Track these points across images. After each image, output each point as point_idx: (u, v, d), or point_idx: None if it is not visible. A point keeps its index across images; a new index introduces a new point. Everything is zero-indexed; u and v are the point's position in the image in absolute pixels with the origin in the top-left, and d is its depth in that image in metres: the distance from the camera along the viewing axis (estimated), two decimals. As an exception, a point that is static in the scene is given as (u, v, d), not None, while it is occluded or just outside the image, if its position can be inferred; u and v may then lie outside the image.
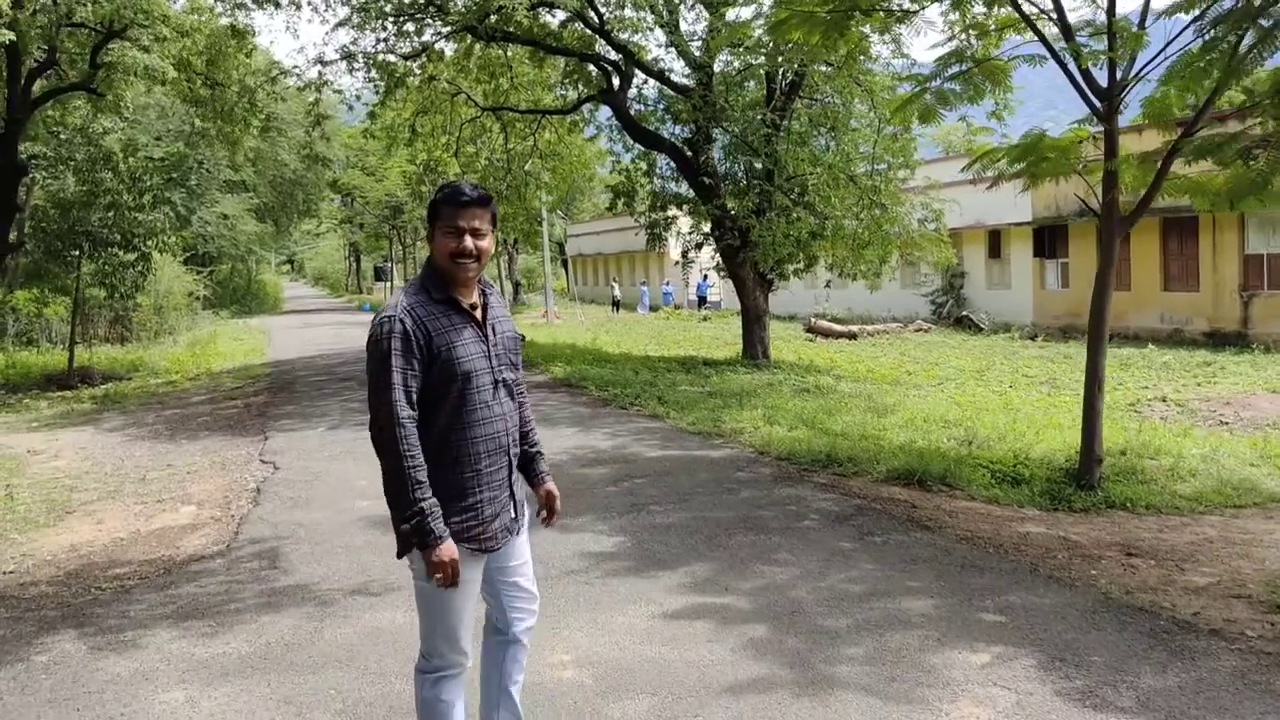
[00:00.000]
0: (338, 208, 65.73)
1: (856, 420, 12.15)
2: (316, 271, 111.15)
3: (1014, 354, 23.87)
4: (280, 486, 9.39)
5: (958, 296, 33.40)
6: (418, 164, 24.07)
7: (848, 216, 18.08)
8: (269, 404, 15.73)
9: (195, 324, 35.79)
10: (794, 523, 7.28)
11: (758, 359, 19.70)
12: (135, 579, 6.72)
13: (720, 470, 9.23)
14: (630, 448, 10.39)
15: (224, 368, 22.66)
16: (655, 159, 21.69)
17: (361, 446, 11.19)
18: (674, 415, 12.53)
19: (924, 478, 8.74)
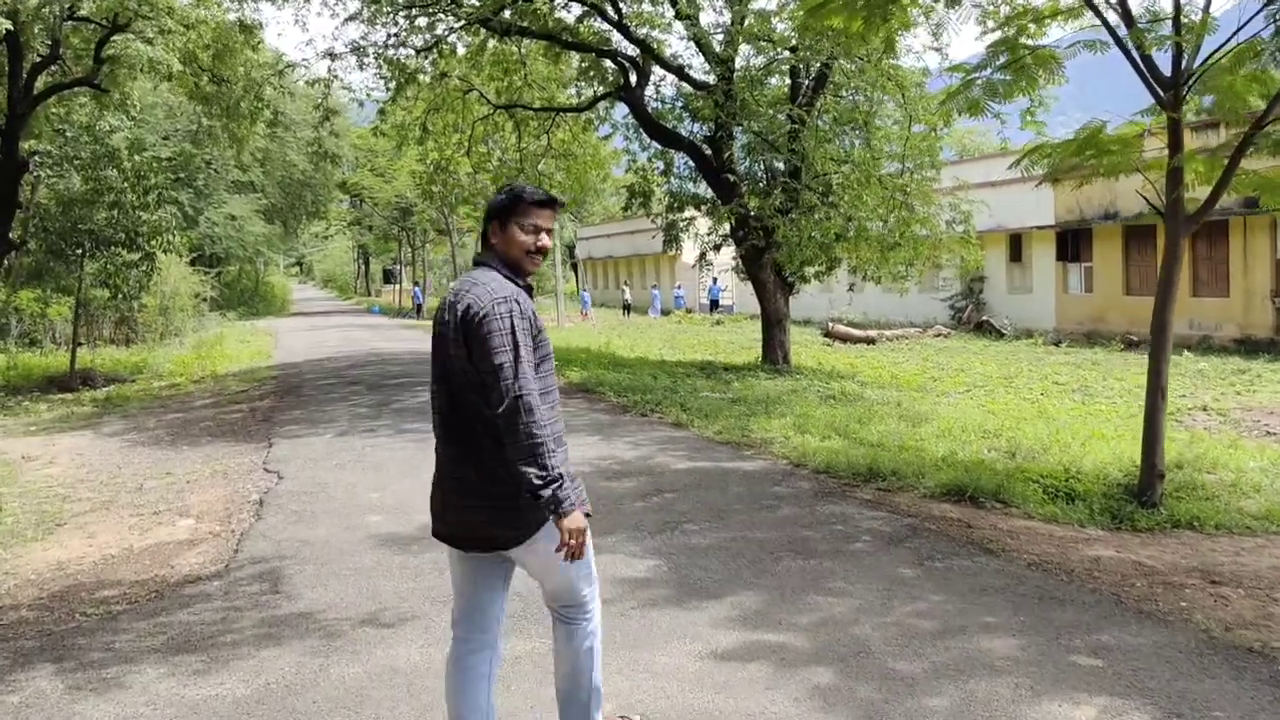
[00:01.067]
0: (346, 209, 65.23)
1: (891, 429, 11.54)
2: (325, 274, 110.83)
3: (1039, 360, 23.24)
4: (284, 498, 8.80)
5: (977, 301, 32.76)
6: (428, 163, 23.51)
7: (873, 218, 17.49)
8: (274, 408, 15.15)
9: (202, 325, 35.27)
10: (844, 545, 6.66)
11: (778, 364, 19.10)
12: (124, 603, 6.13)
13: (755, 484, 8.62)
14: (656, 458, 9.79)
15: (229, 370, 22.10)
16: (672, 158, 21.10)
17: (371, 455, 10.61)
18: (698, 423, 11.92)
19: (976, 494, 8.12)
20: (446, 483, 3.61)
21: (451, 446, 3.58)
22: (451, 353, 3.51)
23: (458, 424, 3.54)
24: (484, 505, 3.50)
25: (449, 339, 3.51)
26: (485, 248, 3.70)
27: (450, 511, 3.61)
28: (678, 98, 20.75)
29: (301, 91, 44.26)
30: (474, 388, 3.45)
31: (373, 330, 37.25)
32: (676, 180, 21.23)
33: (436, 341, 3.61)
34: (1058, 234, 29.69)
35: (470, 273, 3.64)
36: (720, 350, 26.22)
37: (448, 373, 3.55)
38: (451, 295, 3.58)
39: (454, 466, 3.57)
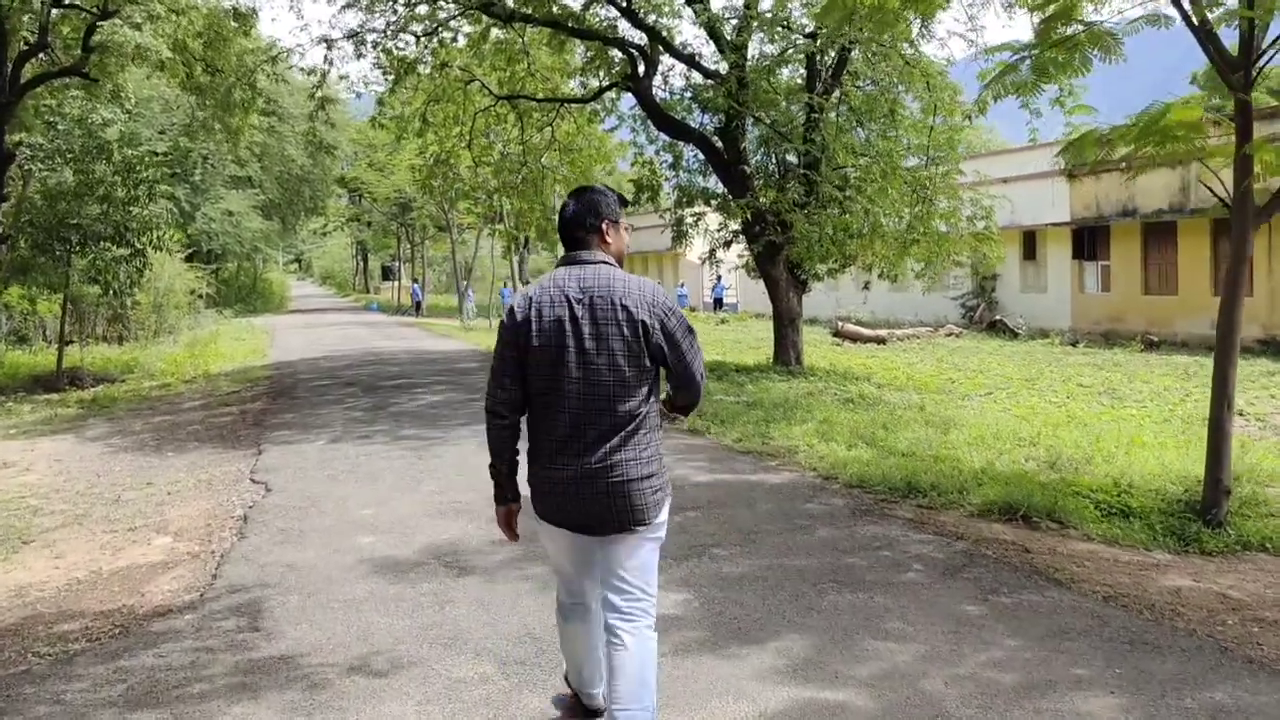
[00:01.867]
0: (345, 205, 64.50)
1: (919, 437, 10.82)
2: (324, 270, 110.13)
3: (1058, 361, 22.51)
4: (271, 514, 8.07)
5: (989, 300, 32.03)
6: (428, 156, 22.77)
7: (891, 213, 16.79)
8: (266, 411, 14.43)
9: (197, 323, 34.53)
10: (894, 574, 5.94)
11: (790, 365, 18.40)
12: (84, 640, 5.42)
13: (784, 500, 7.90)
14: (674, 470, 9.05)
15: (222, 370, 21.38)
16: (681, 151, 20.37)
17: (365, 464, 9.89)
18: (715, 430, 11.21)
19: (1029, 512, 7.40)
20: (595, 469, 3.67)
21: (610, 431, 3.68)
22: (628, 343, 3.63)
23: (616, 409, 3.66)
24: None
25: (619, 329, 3.62)
26: (590, 248, 3.80)
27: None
28: (687, 88, 20.04)
29: (298, 83, 43.63)
30: (640, 377, 3.69)
31: (371, 328, 36.53)
32: (685, 174, 20.50)
33: (598, 328, 3.65)
34: (1073, 231, 28.97)
35: (600, 269, 3.73)
36: (728, 350, 25.50)
37: (611, 362, 3.63)
38: (601, 289, 3.66)
39: (610, 451, 3.68)
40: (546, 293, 3.73)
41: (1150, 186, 26.42)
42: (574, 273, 3.74)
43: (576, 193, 3.96)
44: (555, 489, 3.71)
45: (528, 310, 3.72)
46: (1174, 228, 26.13)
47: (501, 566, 6.30)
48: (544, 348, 3.67)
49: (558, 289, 3.72)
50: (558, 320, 3.66)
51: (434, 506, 8.00)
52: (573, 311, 3.65)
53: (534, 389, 3.73)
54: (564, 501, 3.70)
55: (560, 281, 3.74)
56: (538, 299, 3.73)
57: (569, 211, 3.86)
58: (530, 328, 3.70)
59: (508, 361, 3.77)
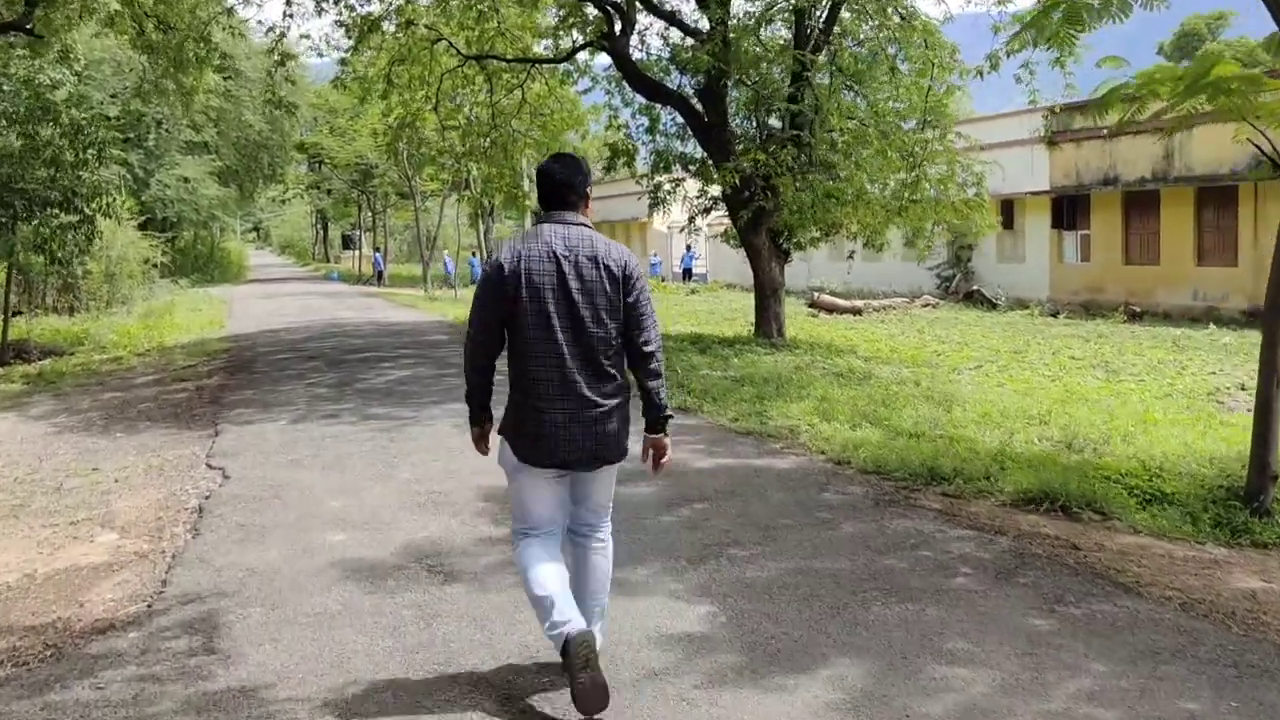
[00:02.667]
0: (305, 173, 63.02)
1: (923, 415, 10.16)
2: (283, 239, 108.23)
3: (1040, 333, 21.99)
4: (228, 506, 7.28)
5: (966, 270, 31.49)
6: (392, 119, 21.77)
7: (880, 177, 16.10)
8: (223, 387, 13.57)
9: (152, 293, 33.33)
10: (941, 579, 5.26)
11: (773, 337, 17.73)
12: (9, 665, 4.64)
13: (798, 489, 7.20)
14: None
15: (178, 342, 20.41)
16: (659, 114, 19.59)
17: (332, 447, 9.10)
18: (709, 408, 10.49)
19: (1067, 502, 6.75)
20: (585, 414, 4.03)
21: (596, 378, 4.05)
22: (611, 298, 4.00)
23: (600, 358, 4.03)
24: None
25: (603, 287, 3.99)
26: (575, 209, 4.12)
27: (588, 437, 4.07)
28: (665, 48, 19.24)
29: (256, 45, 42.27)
30: (618, 329, 4.06)
31: (333, 298, 35.48)
32: (663, 138, 19.73)
33: (584, 284, 3.98)
34: (1053, 200, 28.42)
35: (581, 229, 4.07)
36: (703, 321, 24.81)
37: (595, 316, 3.99)
38: (585, 248, 4.01)
39: (597, 397, 4.05)
40: (534, 248, 4.00)
41: (1132, 154, 25.91)
42: (559, 231, 4.04)
43: (565, 158, 4.27)
44: (547, 432, 4.00)
45: (516, 264, 3.97)
46: (1156, 196, 25.64)
47: (492, 571, 5.57)
48: (533, 300, 3.95)
49: (545, 246, 4.00)
50: (547, 275, 3.96)
51: (410, 497, 7.22)
52: (560, 268, 3.97)
53: (521, 339, 4.00)
54: (556, 443, 4.02)
55: (546, 238, 4.02)
56: (525, 253, 3.99)
57: (560, 174, 4.13)
58: (519, 280, 3.96)
59: (492, 311, 4.05)
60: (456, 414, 10.47)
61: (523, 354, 4.03)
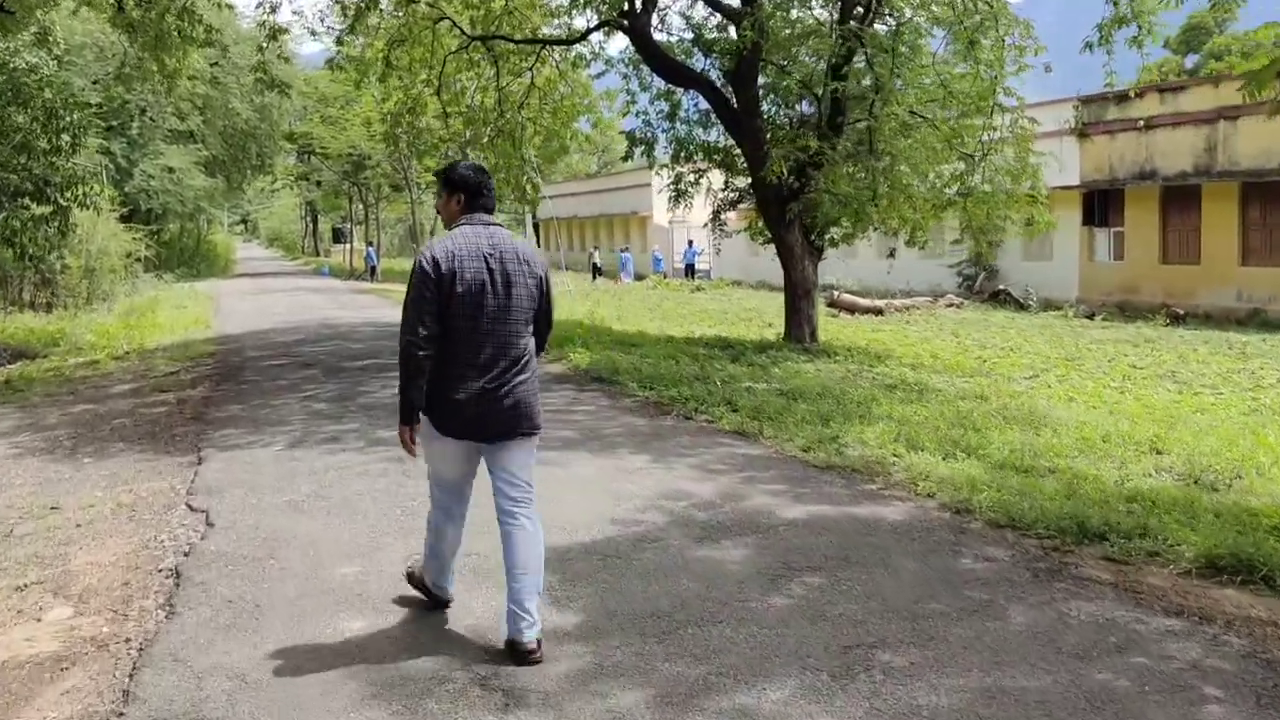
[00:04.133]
0: (294, 164, 61.32)
1: (1015, 441, 8.77)
2: (271, 232, 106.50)
3: (1082, 336, 20.65)
4: (212, 569, 5.82)
5: (989, 268, 30.13)
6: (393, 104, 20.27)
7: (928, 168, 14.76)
8: (208, 400, 12.09)
9: (135, 289, 31.77)
10: (1187, 708, 3.84)
11: (805, 341, 16.34)
12: None
13: (925, 552, 5.77)
14: (749, 497, 6.89)
15: (160, 344, 18.89)
16: (680, 100, 18.13)
17: (338, 484, 7.64)
18: (770, 433, 9.05)
19: (1271, 573, 5.34)
20: (500, 391, 4.51)
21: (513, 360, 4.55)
22: (531, 292, 4.59)
23: (518, 343, 4.57)
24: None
25: (525, 282, 4.57)
26: (491, 211, 4.67)
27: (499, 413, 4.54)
28: (686, 29, 17.80)
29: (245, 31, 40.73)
30: (531, 320, 4.65)
31: (325, 295, 33.92)
32: (684, 126, 18.27)
33: (508, 279, 4.51)
34: (1084, 195, 27.06)
35: (500, 230, 4.64)
36: (720, 322, 23.40)
37: (518, 306, 4.54)
38: (507, 247, 4.56)
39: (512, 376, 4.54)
40: (465, 248, 4.47)
41: (1171, 147, 24.59)
42: (483, 232, 4.56)
43: (478, 167, 4.73)
44: (467, 408, 4.47)
45: (451, 263, 4.41)
46: (1198, 191, 24.31)
47: (570, 689, 4.13)
48: (466, 293, 4.42)
49: (474, 246, 4.49)
50: (478, 271, 4.44)
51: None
52: (488, 264, 4.48)
53: (452, 327, 4.42)
54: (474, 417, 4.50)
55: (474, 239, 4.51)
56: (458, 252, 4.45)
57: (477, 179, 4.63)
58: (455, 278, 4.40)
59: (429, 303, 4.40)
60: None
61: (449, 340, 4.45)
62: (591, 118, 20.21)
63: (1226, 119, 23.33)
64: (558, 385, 12.24)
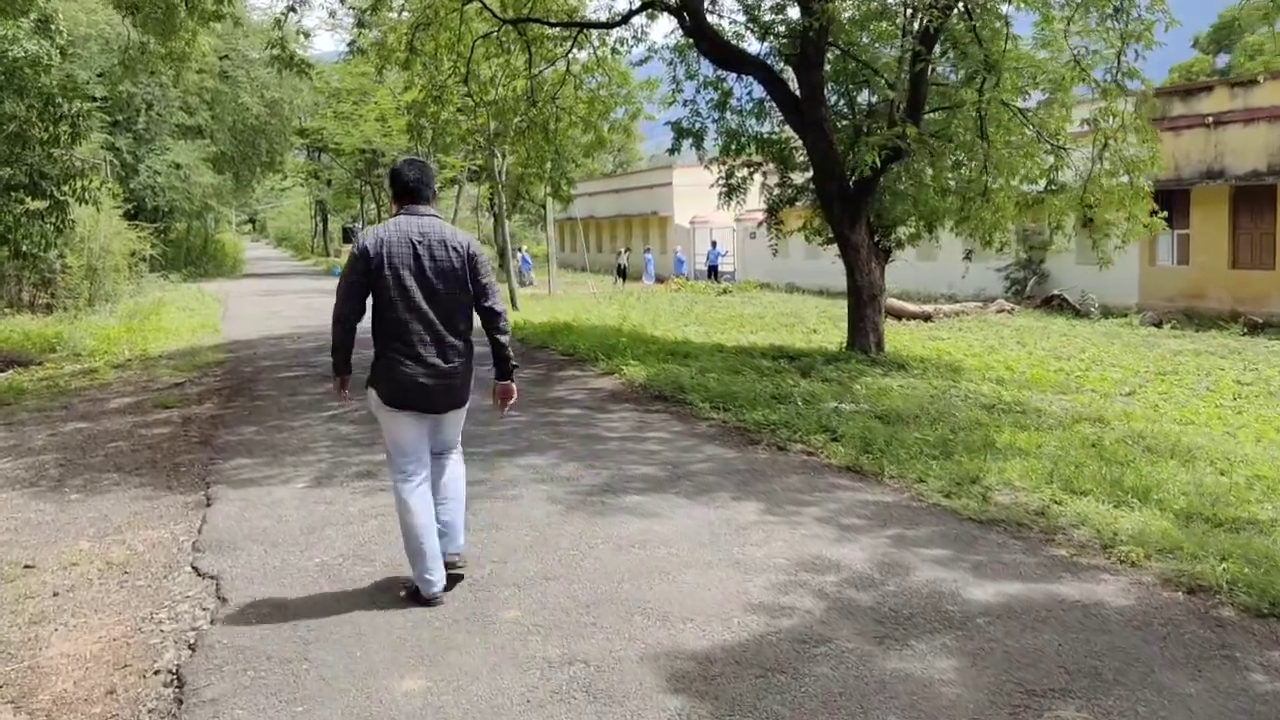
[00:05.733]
0: (304, 161, 59.89)
1: (1182, 481, 7.29)
2: (280, 231, 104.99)
3: (1158, 346, 19.13)
4: (226, 678, 4.32)
5: (1040, 272, 28.56)
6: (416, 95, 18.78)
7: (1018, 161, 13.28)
8: (218, 419, 10.61)
9: (140, 289, 30.26)
10: None
11: (871, 352, 14.85)
12: None
13: (1191, 658, 4.22)
14: (912, 569, 5.34)
15: (164, 350, 17.41)
16: (731, 89, 16.64)
17: (383, 540, 6.13)
18: (893, 471, 7.52)
19: None
20: (442, 369, 5.02)
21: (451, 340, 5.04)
22: (460, 274, 5.02)
23: (454, 324, 5.06)
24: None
25: (453, 266, 5.01)
26: (427, 203, 5.14)
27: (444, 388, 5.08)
28: (739, 10, 16.25)
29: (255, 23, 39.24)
30: (466, 299, 5.09)
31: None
32: (735, 116, 16.78)
33: (435, 263, 4.99)
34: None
35: (433, 220, 5.11)
36: (762, 328, 21.89)
37: (447, 288, 5.01)
38: (435, 234, 5.02)
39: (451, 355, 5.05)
40: (394, 235, 4.98)
41: (1242, 144, 23.03)
42: (414, 221, 5.05)
43: (415, 162, 5.23)
44: (412, 383, 4.98)
45: (379, 248, 4.95)
46: (1273, 192, 22.72)
47: None
48: (394, 277, 4.92)
49: (403, 233, 5.00)
50: (406, 257, 4.95)
51: (539, 675, 4.21)
52: (416, 250, 4.96)
53: (386, 309, 4.95)
54: (419, 391, 5.00)
55: (404, 228, 5.01)
56: (387, 239, 4.97)
57: (412, 175, 5.12)
58: (382, 263, 4.92)
59: (358, 286, 4.99)
60: (546, 474, 7.56)
61: (387, 321, 4.96)
62: (631, 108, 18.72)
63: None
64: (616, 406, 10.71)
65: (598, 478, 7.40)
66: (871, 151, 11.69)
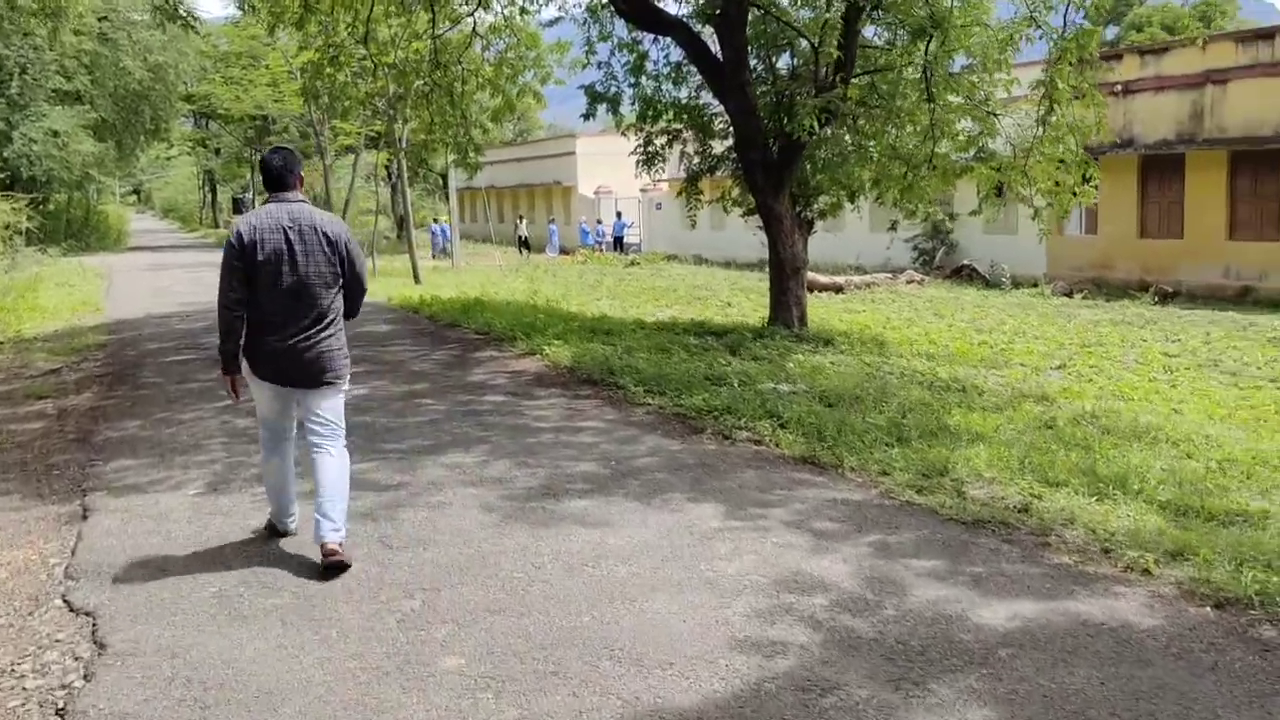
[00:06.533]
0: (191, 129, 57.37)
1: (1155, 467, 6.85)
2: (166, 202, 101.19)
3: (1075, 317, 19.00)
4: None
5: (948, 242, 28.40)
6: (311, 56, 17.63)
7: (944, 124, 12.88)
8: (98, 412, 9.57)
9: (15, 264, 28.39)
10: None
11: (794, 326, 14.34)
12: None
13: (1251, 697, 3.67)
14: (909, 587, 4.65)
15: (40, 331, 16.09)
16: (646, 51, 15.87)
17: (288, 551, 5.30)
18: (852, 461, 6.90)
19: None
20: (303, 343, 5.23)
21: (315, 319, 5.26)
22: (328, 257, 5.26)
23: (320, 303, 5.26)
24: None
25: (322, 249, 5.24)
26: (293, 189, 5.34)
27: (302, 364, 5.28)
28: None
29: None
30: (334, 280, 5.32)
31: (229, 270, 30.83)
32: (651, 81, 16.02)
33: (306, 247, 5.20)
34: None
35: (301, 205, 5.33)
36: (676, 302, 21.31)
37: (316, 270, 5.23)
38: (305, 220, 5.24)
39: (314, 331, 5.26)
40: (265, 221, 5.20)
41: (1151, 113, 23.03)
42: (284, 208, 5.27)
43: (282, 149, 5.47)
44: (275, 357, 5.23)
45: (253, 234, 5.16)
46: (1181, 161, 22.77)
47: None
48: (267, 261, 5.14)
49: (274, 219, 5.21)
50: (277, 241, 5.15)
51: None
52: (287, 235, 5.17)
53: (259, 289, 5.17)
54: (281, 365, 5.25)
55: (274, 214, 5.23)
56: (259, 225, 5.19)
57: (279, 163, 5.32)
58: (255, 247, 5.13)
59: (238, 271, 5.16)
60: (475, 474, 6.78)
61: (259, 300, 5.19)
62: (540, 72, 17.86)
63: (1214, 83, 21.81)
64: (542, 391, 9.91)
65: (534, 478, 6.63)
66: (810, 114, 11.05)
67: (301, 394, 5.33)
